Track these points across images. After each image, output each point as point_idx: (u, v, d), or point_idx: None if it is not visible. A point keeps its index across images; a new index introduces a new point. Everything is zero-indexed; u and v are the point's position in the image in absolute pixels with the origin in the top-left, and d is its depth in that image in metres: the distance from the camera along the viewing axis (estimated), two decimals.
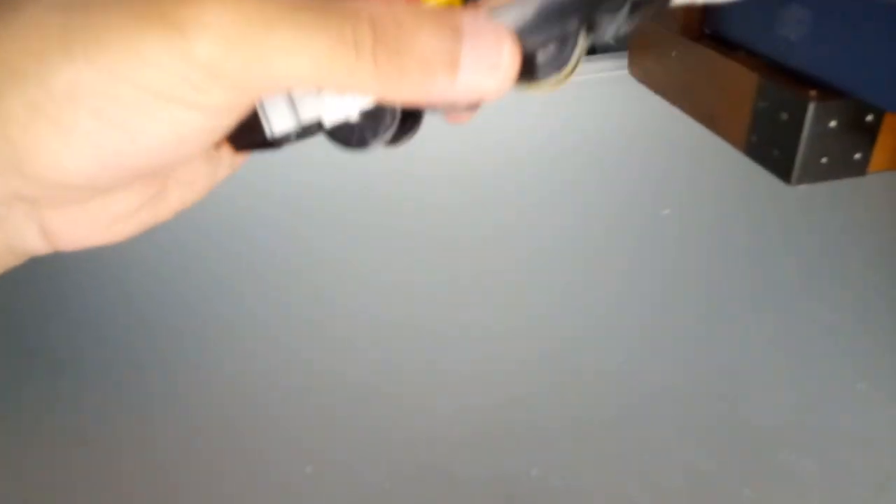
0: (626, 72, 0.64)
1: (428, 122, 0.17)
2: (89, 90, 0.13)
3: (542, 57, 0.15)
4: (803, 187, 0.45)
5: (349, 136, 0.16)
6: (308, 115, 0.16)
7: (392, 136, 0.17)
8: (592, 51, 0.78)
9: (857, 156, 0.44)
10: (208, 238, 0.45)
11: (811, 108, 0.42)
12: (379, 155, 0.57)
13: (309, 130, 0.16)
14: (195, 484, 0.28)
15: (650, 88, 0.60)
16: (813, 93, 0.42)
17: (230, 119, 0.14)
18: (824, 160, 0.44)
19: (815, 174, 0.44)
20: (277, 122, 0.16)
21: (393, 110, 0.16)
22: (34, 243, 0.16)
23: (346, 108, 0.16)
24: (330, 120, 0.16)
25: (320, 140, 0.17)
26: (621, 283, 0.38)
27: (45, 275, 0.43)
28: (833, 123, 0.42)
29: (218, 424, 0.31)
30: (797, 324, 0.34)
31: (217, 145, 0.18)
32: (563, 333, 0.35)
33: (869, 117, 0.43)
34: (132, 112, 0.13)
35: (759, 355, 0.32)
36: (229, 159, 0.19)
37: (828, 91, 0.42)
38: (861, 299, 0.35)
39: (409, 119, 0.17)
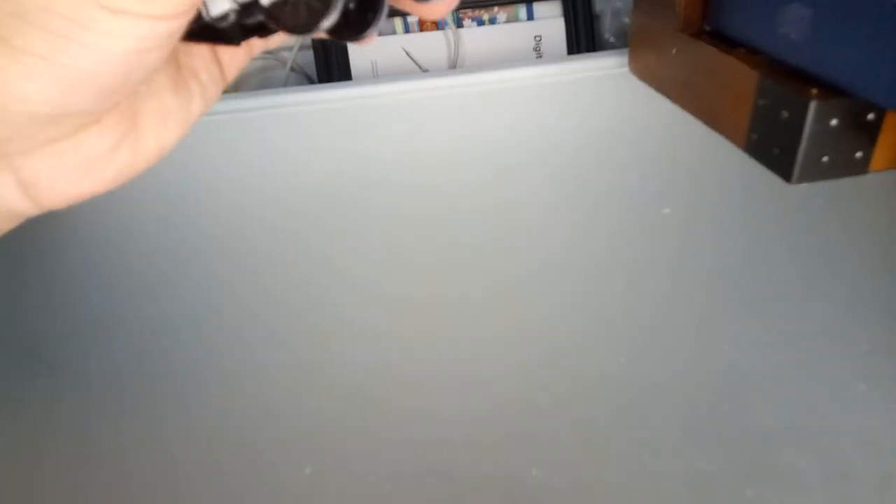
0: (626, 69, 0.64)
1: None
2: (31, 5, 0.12)
3: None
4: (804, 186, 0.44)
5: (293, 17, 0.16)
6: None
7: (347, 22, 0.16)
8: (593, 48, 0.78)
9: (858, 155, 0.44)
10: (210, 238, 0.45)
11: (812, 106, 0.42)
12: (375, 152, 0.57)
13: (248, 11, 0.16)
14: (192, 484, 0.28)
15: (651, 86, 0.60)
16: (814, 91, 0.42)
17: (180, 22, 0.14)
18: (825, 159, 0.43)
19: (816, 173, 0.44)
20: (214, 5, 0.16)
21: None
22: (15, 200, 0.16)
23: None
24: None
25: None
26: (620, 282, 0.38)
27: (46, 273, 0.42)
28: (834, 122, 0.42)
29: (216, 424, 0.31)
30: (798, 323, 0.34)
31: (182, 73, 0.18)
32: (562, 333, 0.35)
33: (870, 116, 0.43)
34: (81, 26, 0.13)
35: (760, 355, 0.32)
36: (199, 90, 0.18)
37: (829, 89, 0.42)
38: (862, 299, 0.35)
39: (368, 5, 0.16)
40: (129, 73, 0.14)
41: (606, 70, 0.65)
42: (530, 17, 0.78)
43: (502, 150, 0.53)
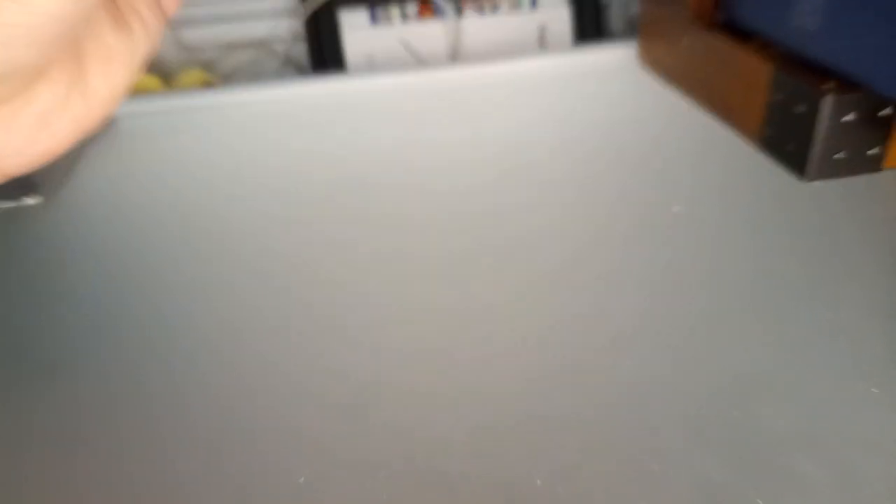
0: (635, 60, 0.63)
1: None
2: None
3: None
4: (817, 183, 0.44)
5: None
6: None
7: None
8: (600, 38, 0.77)
9: (873, 151, 0.43)
10: (205, 234, 0.45)
11: (827, 100, 0.41)
12: (370, 147, 0.56)
13: None
14: (190, 486, 0.28)
15: (661, 78, 0.59)
16: (829, 85, 0.41)
17: None
18: (839, 155, 0.43)
19: (831, 170, 0.43)
20: None
21: None
22: None
23: None
24: None
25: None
26: (628, 281, 0.38)
27: (42, 272, 0.42)
28: (850, 117, 0.41)
29: (214, 426, 0.30)
30: (810, 325, 0.33)
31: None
32: (564, 333, 0.34)
33: (885, 111, 0.42)
34: None
35: (771, 358, 0.32)
36: (140, 25, 0.18)
37: (845, 83, 0.41)
38: (876, 300, 0.35)
39: None
40: (69, 19, 0.14)
41: (614, 61, 0.64)
42: (534, 5, 0.77)
43: (504, 146, 0.53)
